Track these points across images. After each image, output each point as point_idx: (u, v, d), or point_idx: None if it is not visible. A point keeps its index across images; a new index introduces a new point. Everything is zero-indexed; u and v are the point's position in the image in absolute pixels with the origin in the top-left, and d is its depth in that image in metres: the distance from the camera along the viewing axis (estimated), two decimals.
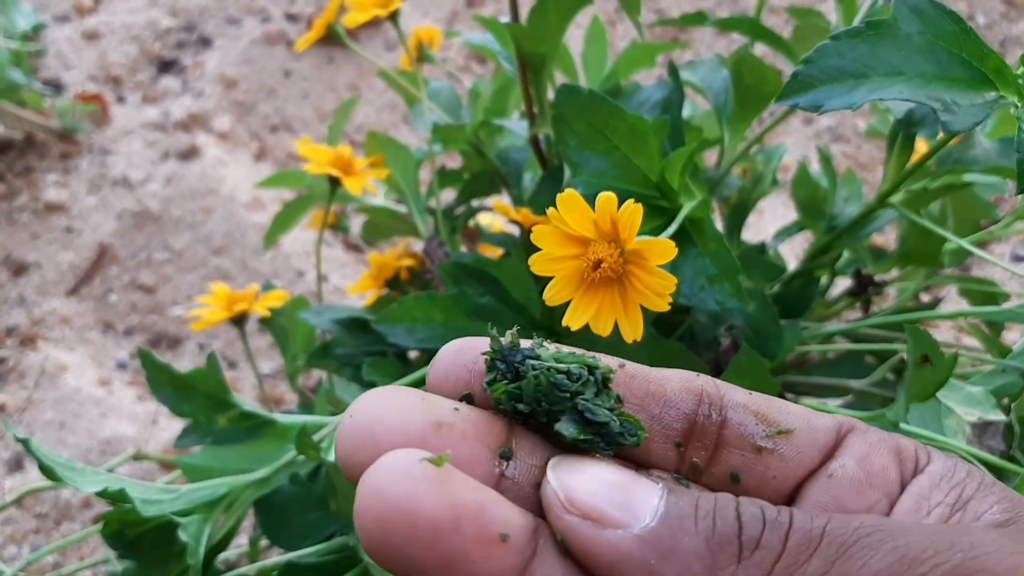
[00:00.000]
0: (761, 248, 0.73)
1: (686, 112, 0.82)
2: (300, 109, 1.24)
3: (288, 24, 1.28)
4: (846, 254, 0.77)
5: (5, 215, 1.08)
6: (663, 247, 0.42)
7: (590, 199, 0.57)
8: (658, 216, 0.56)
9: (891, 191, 0.63)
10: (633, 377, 0.29)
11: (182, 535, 0.52)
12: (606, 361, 0.29)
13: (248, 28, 1.29)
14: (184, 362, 0.98)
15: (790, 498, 0.28)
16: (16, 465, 0.87)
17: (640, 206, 0.42)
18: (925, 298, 0.84)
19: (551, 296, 0.45)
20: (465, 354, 0.29)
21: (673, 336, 0.65)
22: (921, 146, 0.67)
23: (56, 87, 1.22)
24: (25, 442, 0.49)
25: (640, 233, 0.56)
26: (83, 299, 1.02)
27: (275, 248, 1.04)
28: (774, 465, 0.28)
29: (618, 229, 0.43)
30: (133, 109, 1.21)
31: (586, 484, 0.25)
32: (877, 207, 0.64)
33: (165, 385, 0.59)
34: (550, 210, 0.44)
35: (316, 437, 0.59)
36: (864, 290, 0.75)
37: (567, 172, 0.60)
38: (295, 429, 0.59)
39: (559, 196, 0.44)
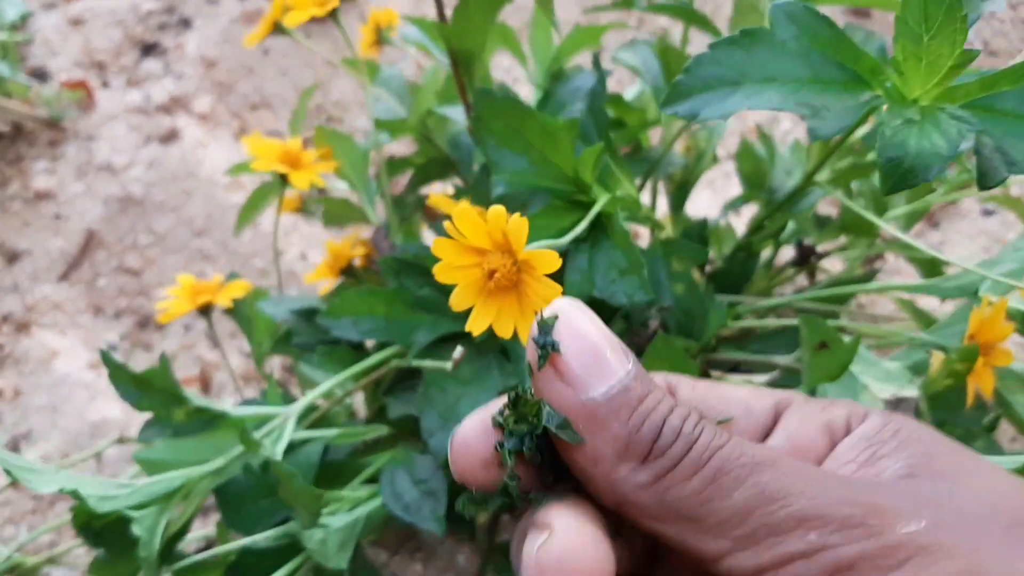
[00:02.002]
0: (703, 224, 0.75)
1: (635, 91, 0.84)
2: (279, 87, 1.26)
3: (266, 3, 1.30)
4: (792, 224, 0.79)
5: None
6: (548, 258, 0.45)
7: (511, 196, 0.60)
8: (577, 210, 0.58)
9: (816, 169, 0.65)
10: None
11: (135, 529, 0.56)
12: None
13: (227, 8, 1.31)
14: (171, 342, 1.02)
15: None
16: (13, 449, 0.92)
17: (525, 220, 0.45)
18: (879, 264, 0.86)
19: (455, 303, 0.47)
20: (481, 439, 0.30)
21: (612, 318, 0.67)
22: None
23: (42, 76, 1.25)
24: None
25: (559, 228, 0.58)
26: (73, 284, 1.06)
27: (254, 228, 1.07)
28: None
29: (509, 240, 0.46)
30: (117, 93, 1.24)
31: (572, 337, 0.28)
32: (805, 186, 0.66)
33: (125, 383, 0.63)
34: (446, 223, 0.47)
35: (266, 428, 0.63)
36: (806, 260, 0.77)
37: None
38: (246, 421, 0.63)
39: (454, 210, 0.46)
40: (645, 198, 0.77)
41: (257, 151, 0.72)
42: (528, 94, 0.82)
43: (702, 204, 0.99)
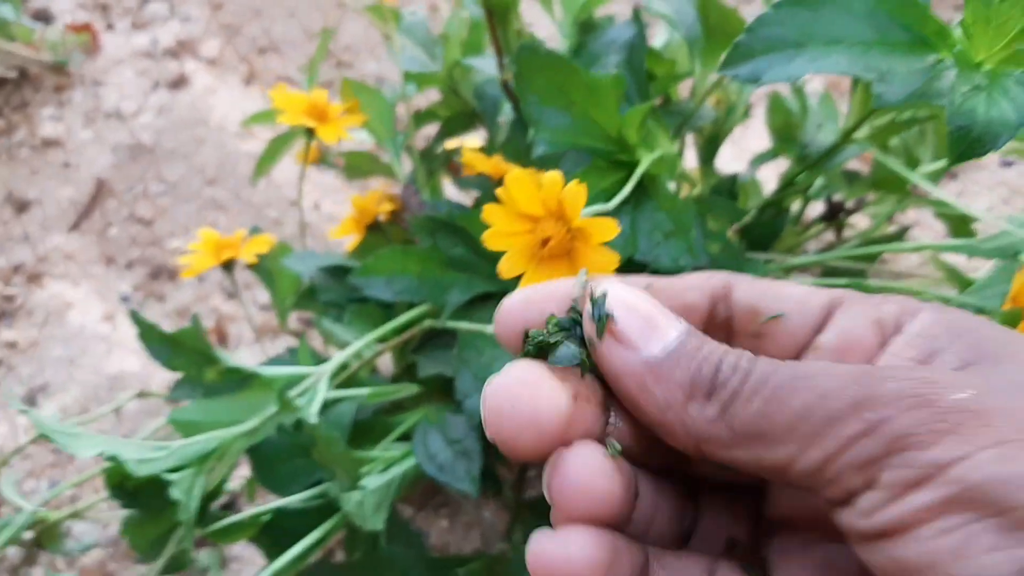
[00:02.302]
0: (733, 180, 0.74)
1: (662, 40, 0.82)
2: (287, 29, 1.24)
3: None
4: (821, 179, 0.78)
5: (5, 151, 1.10)
6: (605, 226, 0.44)
7: (552, 156, 0.59)
8: (619, 170, 0.57)
9: (855, 127, 0.63)
10: (660, 290, 0.32)
11: (174, 492, 0.55)
12: (632, 280, 0.32)
13: None
14: (185, 293, 1.01)
15: None
16: (30, 402, 0.91)
17: (584, 187, 0.44)
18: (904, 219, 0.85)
19: (505, 269, 0.46)
20: (528, 308, 0.31)
21: None
22: None
23: (46, 18, 1.22)
24: (26, 412, 0.52)
25: (600, 189, 0.57)
26: (84, 234, 1.04)
27: (267, 177, 1.05)
28: (770, 347, 0.31)
29: (564, 208, 0.45)
30: (122, 37, 1.21)
31: (623, 306, 0.28)
32: (842, 143, 0.65)
33: (156, 343, 0.62)
34: (499, 190, 0.45)
35: (298, 389, 0.62)
36: (835, 216, 0.76)
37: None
38: (279, 381, 0.62)
39: (507, 176, 0.45)
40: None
41: (283, 104, 0.70)
42: (555, 48, 0.80)
43: (725, 158, 0.98)
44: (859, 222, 0.88)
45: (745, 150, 0.98)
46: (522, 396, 0.28)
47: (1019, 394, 0.25)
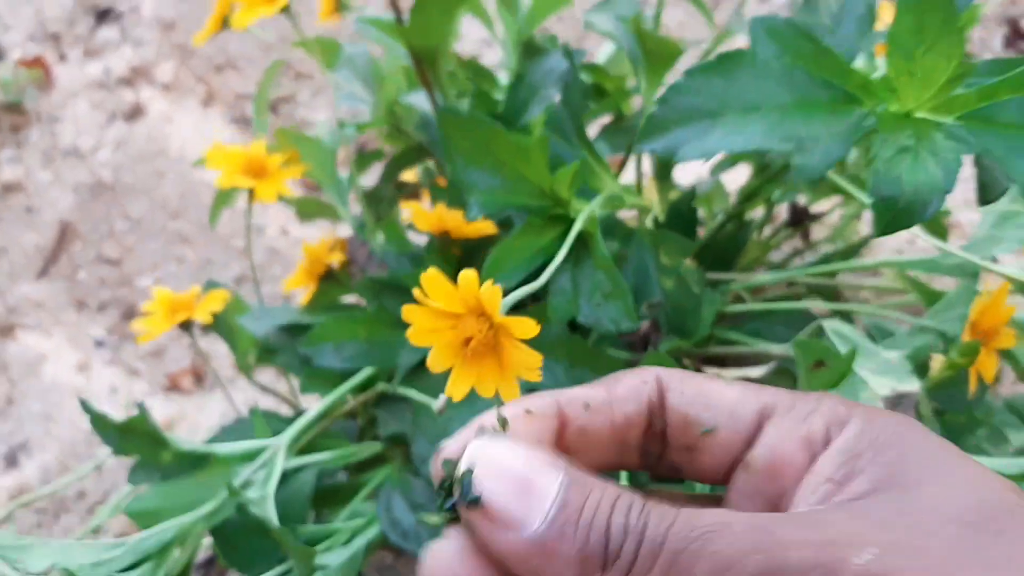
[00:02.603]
0: (692, 194, 0.72)
1: (608, 53, 0.80)
2: (243, 45, 1.21)
3: None
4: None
5: None
6: (525, 325, 0.42)
7: (486, 216, 0.57)
8: (556, 224, 0.55)
9: None
10: (598, 410, 0.31)
11: None
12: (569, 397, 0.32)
13: None
14: None
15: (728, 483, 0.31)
16: (11, 461, 0.91)
17: (499, 288, 0.42)
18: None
19: (433, 365, 0.45)
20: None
21: None
22: None
23: None
24: None
25: (539, 247, 0.55)
26: (53, 280, 1.03)
27: (231, 208, 1.03)
28: (705, 461, 0.31)
29: (483, 306, 0.43)
30: (75, 67, 1.19)
31: (494, 481, 0.27)
32: None
33: (108, 431, 0.61)
34: (415, 290, 0.44)
35: (256, 464, 0.61)
36: (800, 222, 0.74)
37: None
38: (235, 459, 0.61)
39: (423, 276, 0.43)
40: (630, 169, 0.73)
41: (219, 163, 0.68)
42: (495, 60, 0.78)
43: (689, 165, 0.95)
44: (830, 219, 0.86)
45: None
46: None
47: (926, 543, 0.25)
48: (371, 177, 0.82)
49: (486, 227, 0.62)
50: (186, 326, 0.75)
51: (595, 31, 0.71)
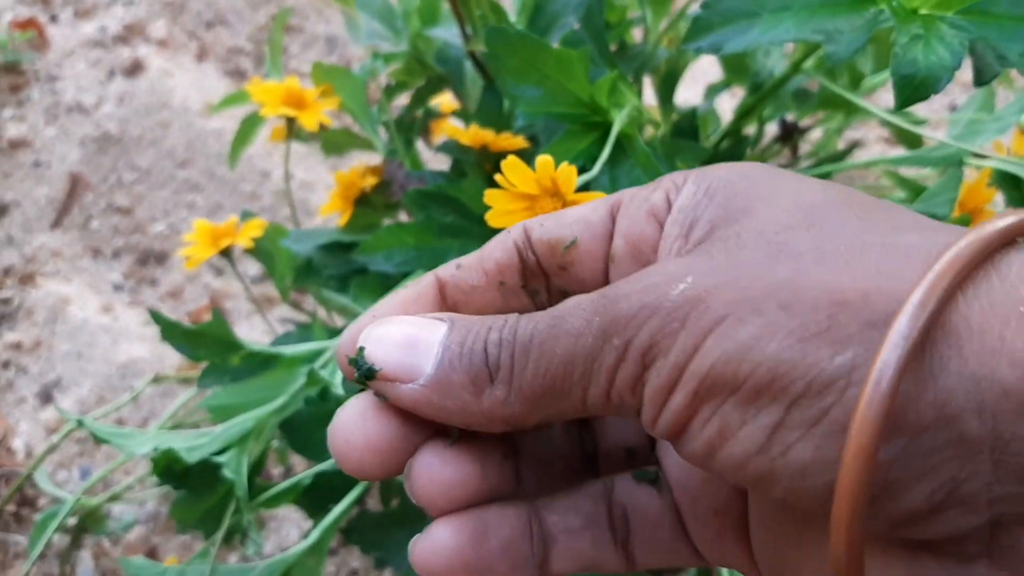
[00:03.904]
0: (693, 114, 0.79)
1: None
2: (232, 1, 1.25)
3: None
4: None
5: None
6: (596, 198, 0.49)
7: (531, 125, 0.63)
8: (593, 131, 0.62)
9: (802, 59, 0.68)
10: (469, 266, 0.32)
11: (226, 472, 0.61)
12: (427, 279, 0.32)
13: None
14: (174, 275, 1.05)
15: None
16: (45, 398, 0.95)
17: (574, 168, 0.48)
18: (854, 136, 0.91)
19: None
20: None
21: None
22: None
23: None
24: (79, 421, 0.57)
25: (579, 151, 0.62)
26: (67, 230, 1.07)
27: (251, 143, 1.08)
28: (581, 273, 0.32)
29: (558, 186, 0.50)
30: (68, 28, 1.21)
31: (381, 349, 0.29)
32: (792, 73, 0.70)
33: (179, 338, 0.66)
34: (497, 176, 0.50)
35: (320, 362, 0.67)
36: (790, 136, 0.82)
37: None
38: (301, 359, 0.67)
39: (503, 163, 0.50)
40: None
41: (261, 97, 0.73)
42: (508, 5, 0.84)
43: (682, 92, 1.02)
44: (813, 135, 0.94)
45: (700, 82, 1.02)
46: (355, 433, 0.29)
47: (744, 252, 0.26)
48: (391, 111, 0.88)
49: (519, 142, 0.69)
50: (226, 252, 0.80)
51: None
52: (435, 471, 0.29)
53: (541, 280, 0.32)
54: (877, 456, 0.22)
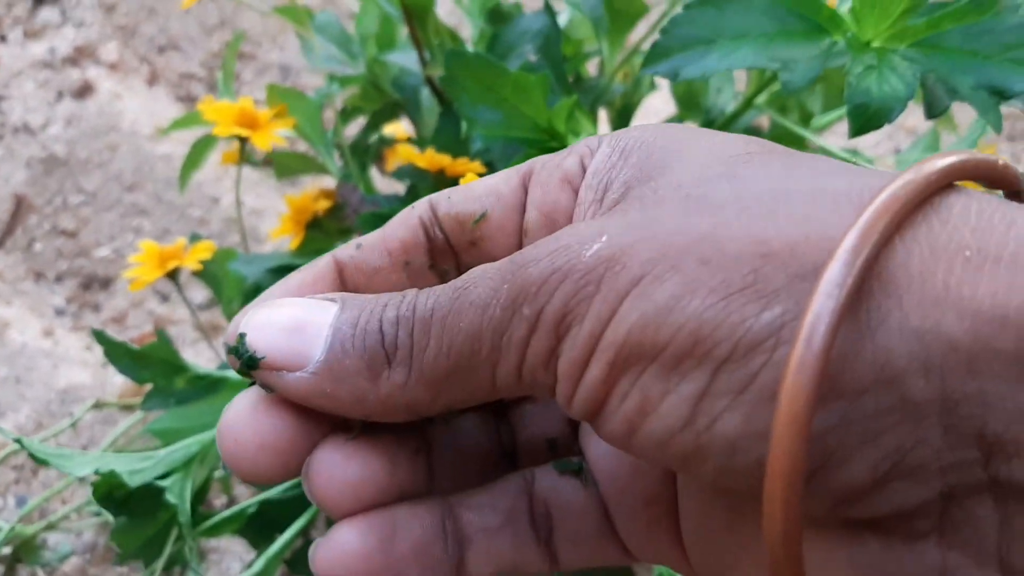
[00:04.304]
0: None
1: (564, 19, 0.87)
2: (184, 25, 1.24)
3: None
4: None
5: None
6: None
7: (487, 151, 0.63)
8: None
9: (755, 94, 0.70)
10: (372, 245, 0.30)
11: (169, 497, 0.59)
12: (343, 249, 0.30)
13: None
14: (118, 300, 1.03)
15: None
16: None
17: None
18: None
19: None
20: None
21: None
22: None
23: None
24: (19, 441, 0.55)
25: None
26: (9, 252, 1.05)
27: (200, 168, 1.07)
28: (490, 248, 0.30)
29: None
30: (17, 48, 1.20)
31: (264, 335, 0.26)
32: (744, 110, 0.71)
33: (123, 359, 0.65)
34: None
35: None
36: None
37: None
38: (247, 383, 0.65)
39: (462, 180, 0.49)
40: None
41: (214, 116, 0.73)
42: (466, 36, 0.84)
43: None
44: None
45: (652, 119, 1.04)
46: (245, 431, 0.27)
47: (661, 207, 0.24)
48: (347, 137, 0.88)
49: (476, 166, 0.69)
50: (172, 275, 0.79)
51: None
52: (336, 469, 0.27)
53: (450, 258, 0.30)
54: (812, 424, 0.20)
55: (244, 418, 0.27)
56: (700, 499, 0.27)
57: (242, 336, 0.27)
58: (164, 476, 0.61)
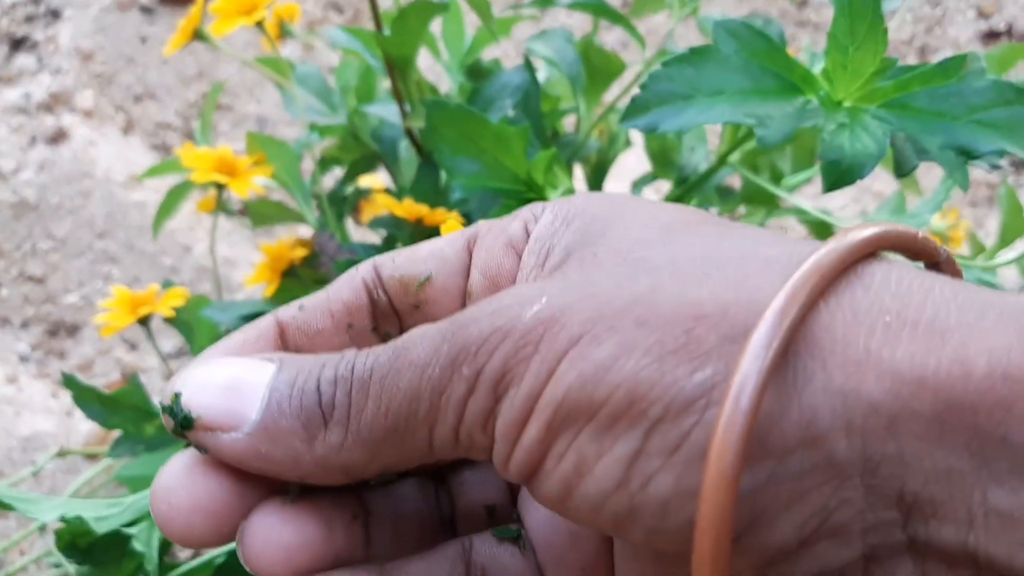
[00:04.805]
0: None
1: (543, 76, 0.88)
2: (161, 75, 1.25)
3: None
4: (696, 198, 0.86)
5: None
6: None
7: (464, 202, 0.64)
8: None
9: (728, 152, 0.71)
10: (315, 306, 0.30)
11: (136, 545, 0.58)
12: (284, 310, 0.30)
13: None
14: (85, 347, 1.02)
15: None
16: None
17: None
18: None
19: None
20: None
21: None
22: None
23: None
24: None
25: None
26: None
27: (172, 216, 1.06)
28: (434, 312, 0.29)
29: None
30: None
31: (199, 394, 0.26)
32: (718, 167, 0.73)
33: (93, 404, 0.64)
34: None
35: None
36: None
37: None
38: None
39: (444, 226, 0.50)
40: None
41: (192, 162, 0.73)
42: (447, 90, 0.85)
43: (610, 183, 1.05)
44: None
45: (630, 173, 1.05)
46: (179, 493, 0.26)
47: (600, 270, 0.25)
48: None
49: (454, 217, 0.69)
50: (144, 321, 0.78)
51: (536, 55, 0.79)
52: (272, 534, 0.26)
53: (394, 322, 0.30)
54: (740, 483, 0.21)
55: (178, 480, 0.26)
56: (636, 565, 0.27)
57: (177, 395, 0.26)
58: (131, 524, 0.60)
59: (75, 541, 0.61)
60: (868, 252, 0.24)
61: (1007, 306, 0.22)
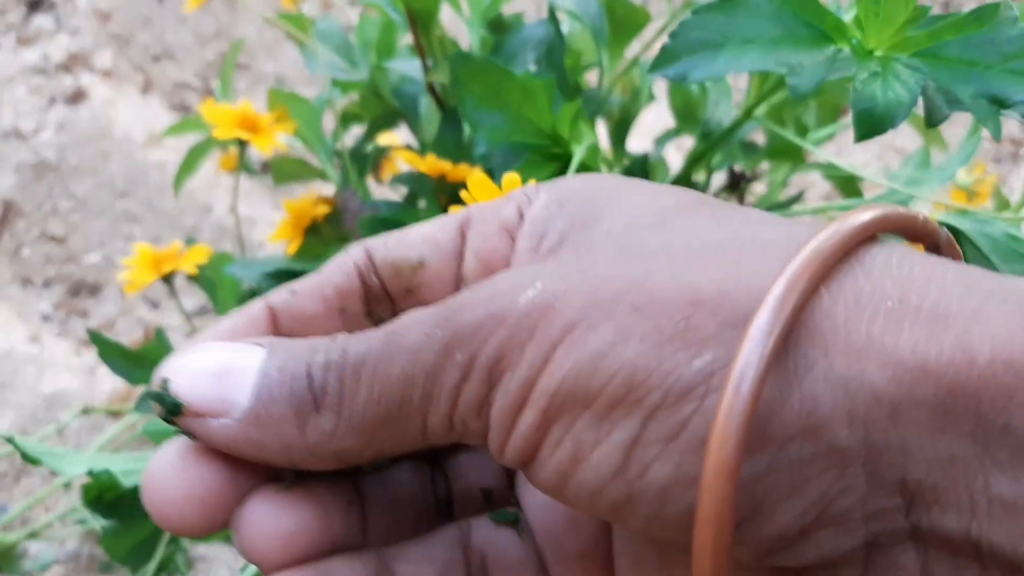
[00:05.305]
0: (644, 159, 0.80)
1: (564, 30, 0.87)
2: (179, 35, 1.24)
3: None
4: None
5: None
6: None
7: (492, 153, 0.63)
8: (553, 162, 0.62)
9: (755, 106, 0.70)
10: (306, 292, 0.29)
11: None
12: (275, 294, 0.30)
13: None
14: (108, 306, 1.02)
15: None
16: None
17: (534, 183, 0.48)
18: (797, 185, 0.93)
19: None
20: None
21: None
22: None
23: None
24: (10, 439, 0.54)
25: (539, 179, 0.62)
26: None
27: (193, 173, 1.06)
28: (427, 295, 0.29)
29: None
30: (10, 54, 1.19)
31: (188, 380, 0.25)
32: (743, 120, 0.72)
33: (118, 359, 0.64)
34: (463, 192, 0.50)
35: None
36: (737, 185, 0.83)
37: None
38: None
39: (470, 180, 0.50)
40: None
41: (214, 118, 0.72)
42: (468, 44, 0.84)
43: (633, 138, 1.04)
44: (757, 188, 0.96)
45: (652, 130, 1.04)
46: (171, 483, 0.25)
47: (595, 255, 0.24)
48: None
49: (477, 172, 0.69)
50: (167, 279, 0.78)
51: (559, 9, 0.78)
52: (267, 521, 0.25)
53: (387, 306, 0.29)
54: (740, 471, 0.20)
55: (169, 469, 0.26)
56: (634, 550, 0.27)
57: (165, 381, 0.26)
58: None
59: (102, 496, 0.62)
60: (869, 235, 0.23)
61: (1010, 292, 0.21)
